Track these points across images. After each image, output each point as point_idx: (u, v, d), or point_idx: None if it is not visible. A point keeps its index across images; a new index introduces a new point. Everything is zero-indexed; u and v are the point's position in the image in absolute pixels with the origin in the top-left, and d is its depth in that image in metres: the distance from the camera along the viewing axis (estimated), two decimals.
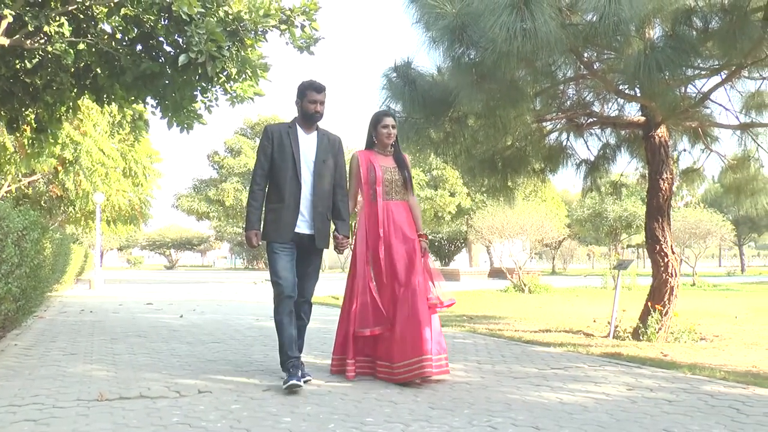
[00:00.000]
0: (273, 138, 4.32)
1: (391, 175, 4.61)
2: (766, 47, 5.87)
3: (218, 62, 5.34)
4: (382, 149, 4.69)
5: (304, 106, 4.35)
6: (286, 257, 4.21)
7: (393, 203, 4.59)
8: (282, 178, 4.24)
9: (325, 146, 4.41)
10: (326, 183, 4.39)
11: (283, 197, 4.24)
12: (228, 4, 5.41)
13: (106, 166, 18.39)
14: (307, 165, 4.32)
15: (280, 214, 4.23)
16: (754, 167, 8.36)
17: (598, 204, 33.07)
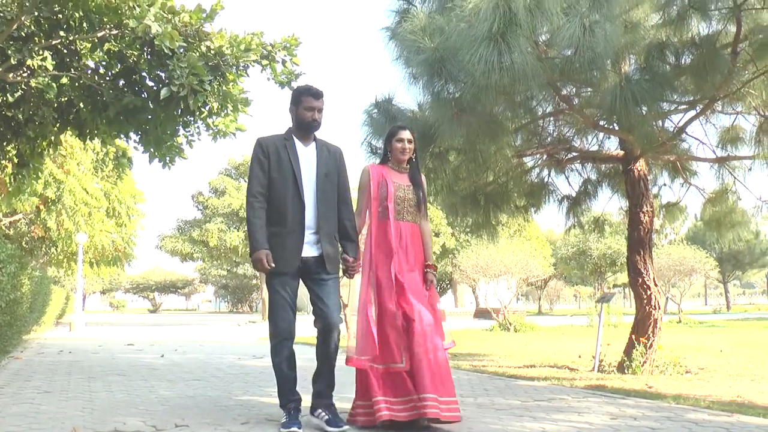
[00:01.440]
0: (269, 152, 3.77)
1: (404, 193, 4.13)
2: (736, 81, 6.02)
3: (200, 96, 5.38)
4: (396, 165, 4.21)
5: (300, 114, 3.82)
6: (287, 294, 3.72)
7: (403, 224, 4.10)
8: (282, 198, 3.71)
9: (326, 158, 3.89)
10: (331, 200, 3.87)
11: (284, 219, 3.70)
12: (210, 39, 5.48)
13: (90, 206, 18.30)
14: (309, 182, 3.79)
15: (284, 240, 3.68)
16: (732, 200, 8.46)
17: (581, 242, 33.25)
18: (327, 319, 3.74)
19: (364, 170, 4.24)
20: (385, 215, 4.05)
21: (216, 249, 28.42)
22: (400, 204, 4.10)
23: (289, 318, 3.74)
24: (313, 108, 3.80)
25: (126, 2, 4.92)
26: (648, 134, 6.03)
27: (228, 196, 29.44)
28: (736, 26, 5.54)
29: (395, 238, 4.00)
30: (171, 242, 29.42)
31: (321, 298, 3.77)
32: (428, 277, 4.12)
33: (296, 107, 3.84)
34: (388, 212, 4.04)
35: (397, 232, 4.04)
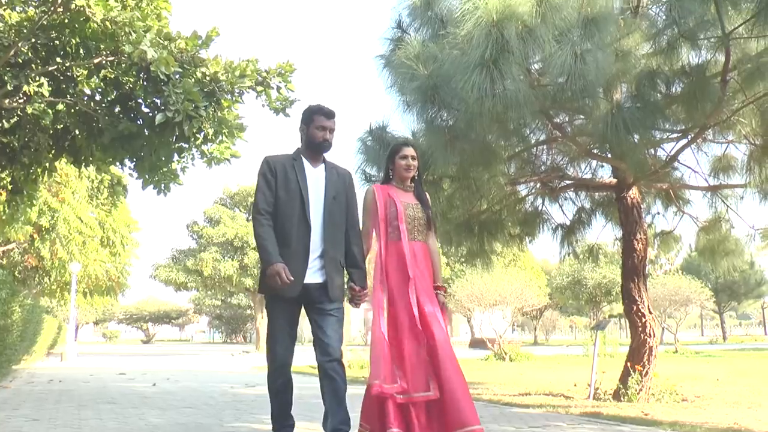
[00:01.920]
0: (276, 171, 3.60)
1: (414, 212, 3.96)
2: (726, 109, 6.09)
3: (195, 122, 5.40)
4: (400, 183, 4.04)
5: (311, 134, 3.66)
6: (286, 321, 3.56)
7: (416, 244, 3.91)
8: (287, 218, 3.54)
9: (335, 181, 3.72)
10: (338, 223, 3.67)
11: (289, 242, 3.50)
12: (205, 65, 5.52)
13: (84, 235, 18.24)
14: (316, 203, 3.61)
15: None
16: (726, 228, 8.49)
17: (576, 271, 33.22)
18: (327, 353, 3.51)
19: (369, 190, 4.06)
20: (397, 236, 3.86)
21: (210, 278, 28.29)
22: (411, 223, 3.92)
23: (287, 345, 3.58)
24: (325, 128, 3.66)
25: (122, 28, 4.97)
26: (640, 162, 6.07)
27: (223, 226, 29.42)
28: (725, 55, 5.62)
29: (411, 258, 3.81)
30: (165, 272, 29.28)
31: (322, 329, 3.54)
32: (440, 299, 3.92)
33: (307, 126, 3.70)
34: (399, 233, 3.85)
35: (410, 253, 3.83)
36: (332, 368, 3.49)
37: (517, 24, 4.70)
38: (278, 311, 3.55)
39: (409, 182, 4.06)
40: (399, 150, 4.04)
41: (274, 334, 3.57)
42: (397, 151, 4.05)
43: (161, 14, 5.79)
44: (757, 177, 7.09)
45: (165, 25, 5.60)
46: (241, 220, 30.60)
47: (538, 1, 4.76)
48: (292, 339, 3.61)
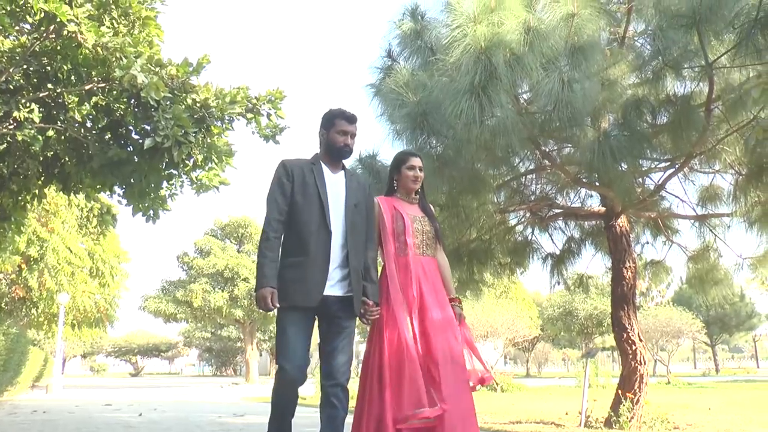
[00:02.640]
0: (293, 175, 3.40)
1: (421, 225, 3.78)
2: (711, 138, 6.18)
3: (184, 147, 5.41)
4: (405, 196, 3.86)
5: (331, 138, 3.50)
6: (301, 331, 3.27)
7: (425, 259, 3.73)
8: (306, 226, 3.32)
9: (356, 188, 3.54)
10: (360, 233, 3.48)
11: (307, 249, 3.29)
12: (195, 91, 5.55)
13: (73, 265, 18.11)
14: (336, 210, 3.42)
15: (305, 271, 3.26)
16: (714, 257, 8.53)
17: (567, 302, 33.18)
18: (333, 376, 3.29)
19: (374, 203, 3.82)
20: (404, 251, 3.67)
21: (200, 310, 28.08)
22: (419, 237, 3.74)
23: (302, 356, 3.25)
24: (346, 132, 3.49)
25: (113, 54, 5.00)
26: (627, 189, 6.13)
27: (213, 257, 29.30)
28: (708, 85, 5.72)
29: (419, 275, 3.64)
30: (154, 303, 29.05)
31: (333, 349, 3.33)
32: (457, 311, 3.76)
33: (327, 131, 3.53)
34: (407, 247, 3.66)
35: (419, 269, 3.66)
36: (335, 394, 3.27)
37: (505, 51, 4.78)
38: (292, 322, 3.28)
39: (414, 194, 3.90)
40: (406, 160, 3.88)
41: (285, 346, 3.25)
42: (403, 160, 3.88)
43: (153, 41, 5.84)
44: (743, 206, 7.17)
45: (156, 52, 5.63)
46: (232, 251, 30.52)
47: (526, 30, 4.84)
48: (306, 352, 3.29)
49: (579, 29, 5.09)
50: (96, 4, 5.31)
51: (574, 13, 4.97)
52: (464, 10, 4.93)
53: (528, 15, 4.87)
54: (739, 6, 4.93)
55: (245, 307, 27.92)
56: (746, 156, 6.40)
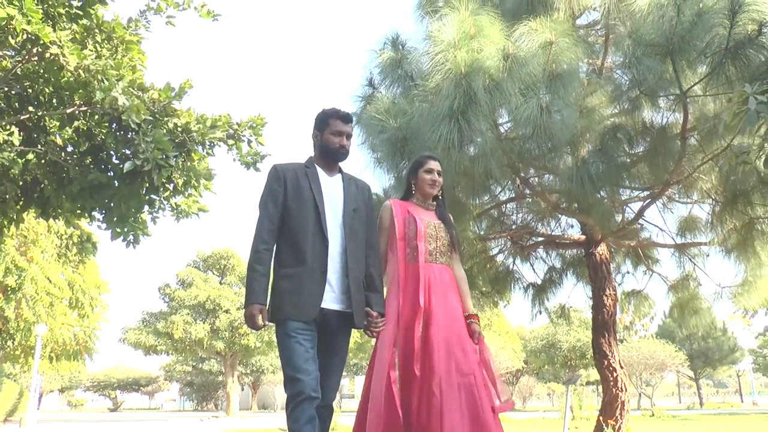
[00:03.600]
0: (286, 180, 3.16)
1: (435, 232, 3.52)
2: (687, 166, 6.29)
3: (164, 171, 5.40)
4: (422, 201, 3.63)
5: (326, 140, 3.26)
6: (307, 342, 2.98)
7: (437, 266, 3.47)
8: (301, 233, 3.08)
9: (354, 193, 3.29)
10: (360, 240, 3.22)
11: (303, 258, 3.04)
12: (177, 115, 5.58)
13: (52, 295, 17.86)
14: (334, 216, 3.17)
15: (301, 282, 3.02)
16: (693, 286, 8.61)
17: (551, 334, 33.15)
18: (325, 396, 3.03)
19: (385, 206, 3.63)
20: (414, 257, 3.43)
21: (180, 342, 27.71)
22: (432, 244, 3.49)
23: (312, 369, 2.94)
24: (341, 133, 3.25)
25: (95, 76, 5.02)
26: (606, 215, 6.19)
27: (195, 288, 29.05)
28: (683, 113, 5.84)
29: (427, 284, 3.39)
30: (135, 335, 28.65)
31: (328, 367, 3.08)
32: (474, 328, 3.48)
33: (321, 132, 3.29)
34: (417, 254, 3.42)
35: (431, 276, 3.42)
36: (322, 417, 3.02)
37: (484, 77, 4.87)
38: (295, 331, 2.98)
39: (432, 200, 3.67)
40: (424, 162, 3.64)
41: (294, 360, 2.93)
42: (421, 163, 3.65)
43: (136, 66, 5.88)
44: (720, 234, 7.28)
45: (139, 77, 5.67)
46: (214, 283, 30.28)
47: (505, 56, 4.94)
48: (317, 365, 2.98)
49: (557, 57, 5.20)
50: (80, 27, 5.35)
51: (552, 42, 5.08)
52: (445, 37, 5.03)
53: (507, 42, 4.97)
54: (710, 36, 5.07)
55: (226, 339, 27.62)
56: (721, 184, 6.51)
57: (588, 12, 7.13)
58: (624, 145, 6.25)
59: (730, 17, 4.91)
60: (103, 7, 5.68)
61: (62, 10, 5.12)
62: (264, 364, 40.75)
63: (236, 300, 28.49)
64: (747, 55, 5.08)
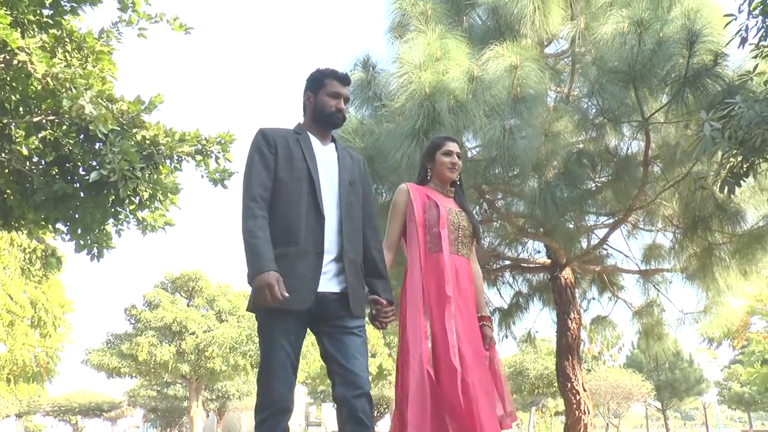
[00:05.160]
0: (276, 146, 2.74)
1: (458, 220, 3.19)
2: (650, 192, 6.44)
3: (130, 183, 5.38)
4: (440, 186, 3.30)
5: (321, 102, 2.85)
6: (289, 345, 2.59)
7: (458, 259, 3.14)
8: (293, 207, 2.66)
9: (350, 164, 2.89)
10: (357, 217, 2.83)
11: (296, 237, 2.63)
12: (145, 128, 5.57)
13: (13, 313, 17.47)
14: (329, 189, 2.77)
15: (293, 265, 2.59)
16: (657, 312, 8.76)
17: (518, 362, 33.20)
18: (355, 384, 2.59)
19: (401, 189, 3.28)
20: (437, 246, 3.09)
21: (145, 364, 27.18)
22: (454, 232, 3.16)
23: (289, 381, 2.59)
24: (339, 95, 2.85)
25: (63, 84, 5.01)
26: (569, 236, 6.29)
27: (162, 310, 28.59)
28: (645, 139, 5.99)
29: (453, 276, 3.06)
30: (98, 356, 28.01)
31: (345, 352, 2.64)
32: (487, 332, 3.21)
33: (315, 93, 2.88)
34: (440, 241, 3.08)
35: (453, 269, 3.08)
36: (361, 407, 2.57)
37: (449, 98, 4.96)
38: (278, 332, 2.59)
39: (450, 186, 3.35)
40: (442, 144, 3.30)
41: (271, 366, 2.59)
42: (439, 145, 3.31)
43: (106, 77, 5.87)
44: (682, 260, 7.44)
45: (109, 88, 5.66)
46: (181, 305, 29.84)
47: (470, 78, 5.04)
48: (294, 371, 2.63)
49: (522, 81, 5.33)
50: (50, 36, 5.34)
51: (517, 66, 5.20)
52: (411, 59, 5.13)
53: (472, 65, 5.08)
54: (670, 65, 5.24)
55: (192, 362, 27.17)
56: (682, 210, 6.67)
57: (557, 41, 7.33)
58: (588, 170, 6.39)
59: (689, 47, 5.09)
60: (74, 18, 5.70)
61: (32, 18, 5.12)
62: (230, 389, 40.08)
63: (203, 322, 28.16)
64: (704, 84, 5.27)
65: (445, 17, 5.86)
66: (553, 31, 6.38)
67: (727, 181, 4.72)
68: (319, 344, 2.73)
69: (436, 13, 5.74)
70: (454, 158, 3.27)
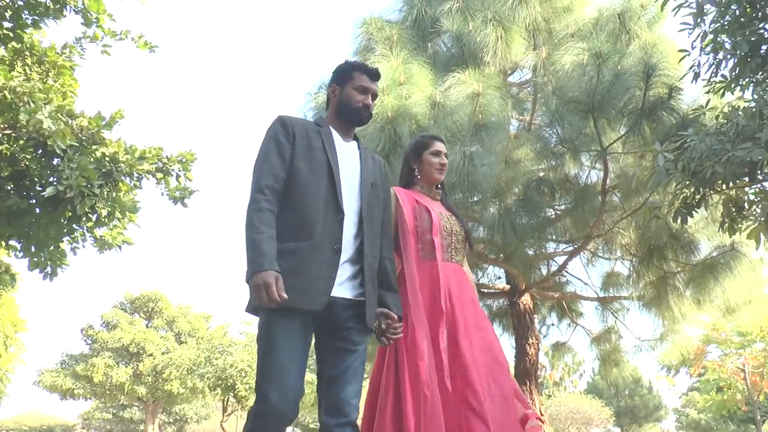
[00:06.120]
0: (295, 134, 2.51)
1: (450, 225, 3.03)
2: (608, 221, 6.57)
3: (88, 199, 5.29)
4: (427, 188, 3.13)
5: (348, 96, 2.64)
6: (297, 346, 2.31)
7: (451, 266, 2.97)
8: (310, 201, 2.42)
9: (371, 166, 2.67)
10: (376, 221, 2.59)
11: (311, 232, 2.37)
12: (105, 144, 5.50)
13: None
14: (349, 187, 2.53)
15: (305, 261, 2.34)
16: (615, 339, 8.87)
17: None
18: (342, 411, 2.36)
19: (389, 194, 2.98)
20: (430, 254, 2.92)
21: (100, 385, 26.53)
22: (447, 239, 2.99)
23: (296, 383, 2.28)
24: (367, 90, 2.64)
25: (21, 98, 4.93)
26: (528, 261, 6.36)
27: (120, 330, 28.00)
28: (603, 169, 6.12)
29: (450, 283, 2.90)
30: (51, 377, 27.25)
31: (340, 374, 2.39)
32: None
33: (342, 87, 2.67)
34: (434, 249, 2.91)
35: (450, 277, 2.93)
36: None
37: (410, 122, 5.01)
38: (285, 331, 2.30)
39: (437, 188, 3.18)
40: (429, 144, 3.13)
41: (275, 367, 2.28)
42: (426, 144, 3.14)
43: (67, 92, 5.80)
44: (639, 288, 7.57)
45: (70, 103, 5.60)
46: (140, 326, 29.27)
47: (432, 104, 5.10)
48: (302, 377, 2.32)
49: (484, 108, 5.41)
50: (9, 50, 5.27)
51: (479, 93, 5.28)
52: None
53: (435, 90, 5.14)
54: (628, 96, 5.38)
55: (149, 384, 26.60)
56: (638, 239, 6.81)
57: (520, 70, 7.48)
58: (547, 198, 6.49)
59: (645, 80, 5.24)
60: (36, 32, 5.64)
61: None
62: (188, 412, 39.29)
63: (162, 344, 27.65)
64: (660, 117, 5.42)
65: (410, 43, 5.94)
66: (515, 60, 6.50)
67: (680, 211, 4.83)
68: (317, 353, 2.51)
69: (402, 39, 5.82)
70: (442, 158, 3.12)
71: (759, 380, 20.79)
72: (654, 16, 6.59)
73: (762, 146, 3.95)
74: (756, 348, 20.78)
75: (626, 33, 6.23)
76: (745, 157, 3.98)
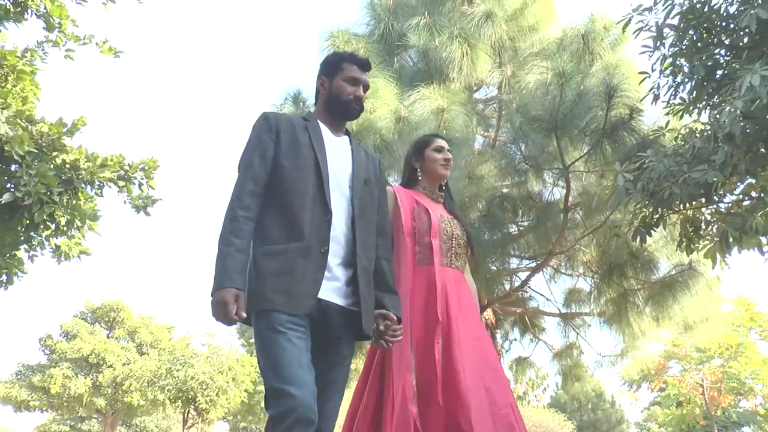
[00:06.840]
0: (279, 131, 2.37)
1: (451, 228, 2.87)
2: (570, 238, 6.65)
3: (47, 207, 5.19)
4: (430, 189, 2.97)
5: (337, 87, 2.49)
6: (301, 342, 2.14)
7: (451, 272, 2.80)
8: (296, 200, 2.28)
9: (364, 161, 2.52)
10: (370, 220, 2.44)
11: (298, 232, 2.24)
12: (66, 151, 5.41)
13: None
14: (338, 184, 2.38)
15: (292, 263, 2.21)
16: (576, 354, 8.97)
17: None
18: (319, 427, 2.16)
19: (387, 192, 2.82)
20: (427, 258, 2.75)
21: (58, 397, 25.85)
22: (447, 242, 2.82)
23: (309, 379, 2.08)
24: (358, 81, 2.49)
25: None
26: (491, 276, 6.41)
27: (80, 340, 27.37)
28: (566, 187, 6.21)
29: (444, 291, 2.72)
30: (5, 388, 26.45)
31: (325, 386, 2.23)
32: None
33: (331, 79, 2.52)
34: (432, 253, 2.74)
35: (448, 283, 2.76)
36: None
37: (375, 137, 5.02)
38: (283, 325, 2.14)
39: (440, 188, 3.03)
40: (431, 141, 2.98)
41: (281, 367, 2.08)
42: (428, 142, 2.99)
43: (28, 97, 5.69)
44: (600, 305, 7.67)
45: (30, 109, 5.49)
46: (101, 336, 28.66)
47: (397, 118, 5.13)
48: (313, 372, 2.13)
49: (448, 124, 5.45)
50: None
51: (444, 108, 5.33)
52: None
53: (399, 105, 5.17)
54: (590, 116, 5.47)
55: (108, 396, 26.02)
56: (599, 256, 6.91)
57: (486, 87, 7.56)
58: (510, 214, 6.55)
59: (607, 100, 5.34)
60: None
61: None
62: (149, 425, 38.52)
63: (122, 355, 27.11)
64: (621, 137, 5.53)
65: (376, 56, 5.97)
66: (481, 77, 6.57)
67: (639, 230, 4.93)
68: None
69: (368, 52, 5.84)
70: (446, 154, 2.97)
71: (717, 395, 21.21)
72: (616, 38, 6.73)
73: (717, 168, 4.05)
74: (714, 364, 21.21)
75: (590, 53, 6.36)
76: (701, 179, 4.08)
